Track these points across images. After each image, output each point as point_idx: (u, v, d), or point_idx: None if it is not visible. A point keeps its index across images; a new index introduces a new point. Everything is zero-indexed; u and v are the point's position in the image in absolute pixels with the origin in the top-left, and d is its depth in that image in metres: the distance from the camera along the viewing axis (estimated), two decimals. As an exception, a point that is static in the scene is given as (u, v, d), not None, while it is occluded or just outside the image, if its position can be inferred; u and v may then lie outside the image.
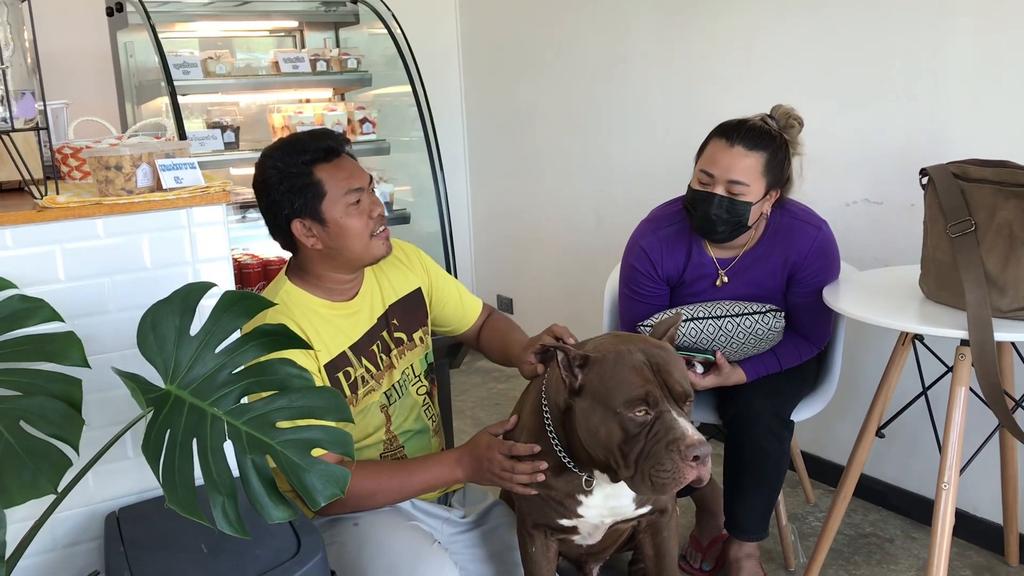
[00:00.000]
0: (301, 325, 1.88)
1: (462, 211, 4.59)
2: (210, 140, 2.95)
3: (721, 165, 2.14)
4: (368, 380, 1.98)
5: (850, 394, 2.78)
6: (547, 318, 4.23)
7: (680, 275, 2.33)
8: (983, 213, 1.88)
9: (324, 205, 1.85)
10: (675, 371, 1.63)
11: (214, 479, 1.33)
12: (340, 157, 1.89)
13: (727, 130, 2.17)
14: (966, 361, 1.92)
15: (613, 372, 1.62)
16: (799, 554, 2.55)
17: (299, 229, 1.87)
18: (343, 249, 1.89)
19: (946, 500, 1.97)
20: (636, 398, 1.58)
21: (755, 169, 2.13)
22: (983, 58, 2.36)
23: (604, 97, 3.66)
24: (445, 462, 1.88)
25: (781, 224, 2.27)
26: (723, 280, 2.30)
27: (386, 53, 3.43)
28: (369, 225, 1.89)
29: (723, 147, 2.15)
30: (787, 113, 2.21)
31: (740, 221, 2.17)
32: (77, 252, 1.63)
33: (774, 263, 2.28)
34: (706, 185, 2.17)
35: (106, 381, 1.59)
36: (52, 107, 2.28)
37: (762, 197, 2.17)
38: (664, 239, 2.31)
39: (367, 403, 1.99)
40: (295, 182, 1.85)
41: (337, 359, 1.93)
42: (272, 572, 1.51)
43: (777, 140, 2.17)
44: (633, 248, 2.36)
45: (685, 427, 1.55)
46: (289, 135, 1.97)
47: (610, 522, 1.87)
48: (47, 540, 1.68)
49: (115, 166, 1.65)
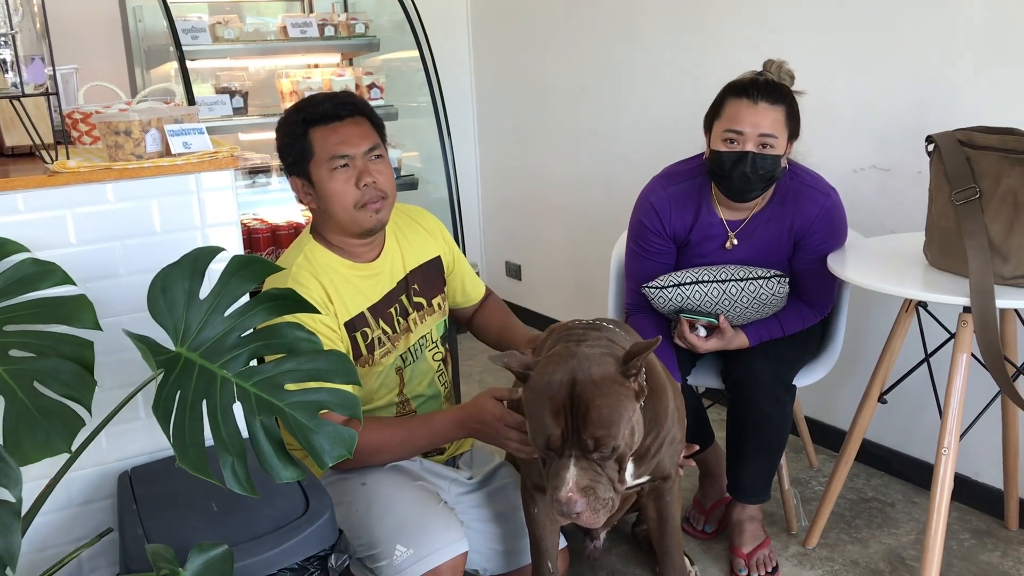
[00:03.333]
0: (323, 283, 1.91)
1: (471, 177, 4.59)
2: (219, 105, 2.96)
3: (750, 122, 2.14)
4: (385, 342, 2.01)
5: (853, 360, 2.80)
6: (555, 284, 4.26)
7: (687, 234, 2.34)
8: (988, 181, 1.88)
9: (311, 165, 1.91)
10: (592, 416, 1.55)
11: (224, 440, 1.36)
12: (342, 121, 1.91)
13: (744, 88, 2.17)
14: (968, 328, 1.94)
15: (533, 400, 1.61)
16: (801, 518, 2.58)
17: (297, 185, 1.95)
18: (331, 213, 1.93)
19: (945, 465, 1.99)
20: (540, 436, 1.59)
21: (781, 121, 2.16)
22: (993, 22, 2.34)
23: (615, 62, 3.64)
24: (448, 421, 1.91)
25: (790, 188, 2.28)
26: (733, 242, 2.31)
27: (394, 17, 3.42)
28: (354, 194, 1.90)
29: (747, 105, 2.15)
30: (780, 67, 2.23)
31: (772, 175, 2.18)
32: (88, 216, 1.66)
33: (781, 227, 2.29)
34: (734, 144, 2.16)
35: (117, 343, 1.62)
36: (61, 72, 2.29)
37: (786, 147, 2.20)
38: (673, 196, 2.32)
39: (384, 364, 2.02)
40: (289, 140, 1.92)
41: (356, 319, 1.96)
42: (281, 530, 1.55)
43: (789, 94, 2.20)
44: (642, 204, 2.37)
45: (567, 480, 1.53)
46: (315, 93, 2.00)
47: None
48: (62, 498, 1.72)
49: (125, 131, 1.66)
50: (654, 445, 1.81)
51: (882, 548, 2.44)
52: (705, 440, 2.40)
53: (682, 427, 1.93)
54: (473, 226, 4.68)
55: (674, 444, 1.89)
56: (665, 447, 1.84)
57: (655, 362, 1.87)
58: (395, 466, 1.96)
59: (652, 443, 1.80)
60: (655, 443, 1.81)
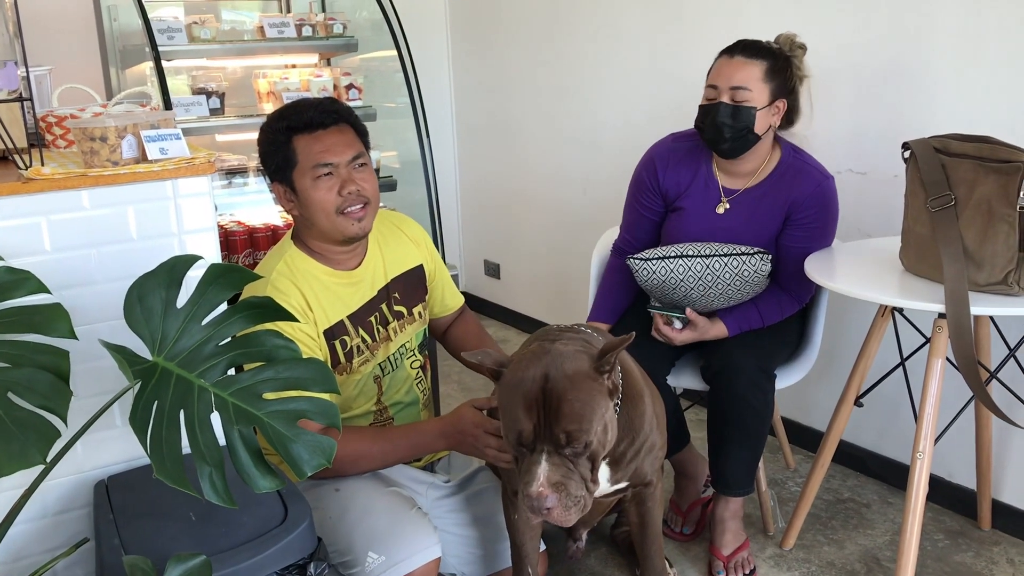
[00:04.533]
0: (303, 290, 1.90)
1: (449, 177, 4.59)
2: (195, 106, 2.93)
3: (723, 75, 2.25)
4: (363, 350, 2.01)
5: (831, 361, 2.82)
6: (533, 283, 4.27)
7: (681, 192, 2.40)
8: (963, 188, 1.90)
9: (295, 174, 1.90)
10: (564, 409, 1.55)
11: (201, 450, 1.35)
12: (326, 129, 1.90)
13: (728, 48, 2.30)
14: (943, 333, 1.96)
15: (506, 396, 1.62)
16: (778, 519, 2.60)
17: (279, 192, 1.94)
18: (313, 220, 1.92)
19: (920, 469, 2.01)
20: (512, 432, 1.59)
21: (756, 76, 2.23)
22: (968, 30, 2.36)
23: (592, 62, 3.64)
24: (429, 432, 1.91)
25: (791, 164, 2.35)
26: (725, 207, 2.35)
27: (372, 17, 3.40)
28: (336, 201, 1.89)
29: (725, 60, 2.28)
30: (790, 39, 2.31)
31: (746, 127, 2.24)
32: (63, 223, 1.64)
33: (777, 201, 2.33)
34: (712, 99, 2.27)
35: (94, 351, 1.60)
36: (35, 74, 2.27)
37: (767, 104, 2.24)
38: (676, 151, 2.43)
39: (361, 372, 2.01)
40: (272, 147, 1.91)
41: (335, 327, 1.96)
42: (260, 539, 1.54)
43: (777, 53, 2.27)
44: (646, 156, 2.48)
45: (538, 475, 1.53)
46: (298, 100, 1.99)
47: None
48: (37, 507, 1.71)
49: (100, 137, 1.65)
50: (630, 451, 1.82)
51: (858, 549, 2.47)
52: (681, 441, 2.42)
53: (662, 434, 1.93)
54: (452, 225, 4.67)
55: (654, 451, 1.89)
56: (644, 454, 1.85)
57: (632, 367, 1.88)
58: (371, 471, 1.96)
59: (628, 448, 1.81)
60: (631, 448, 1.82)
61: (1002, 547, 2.45)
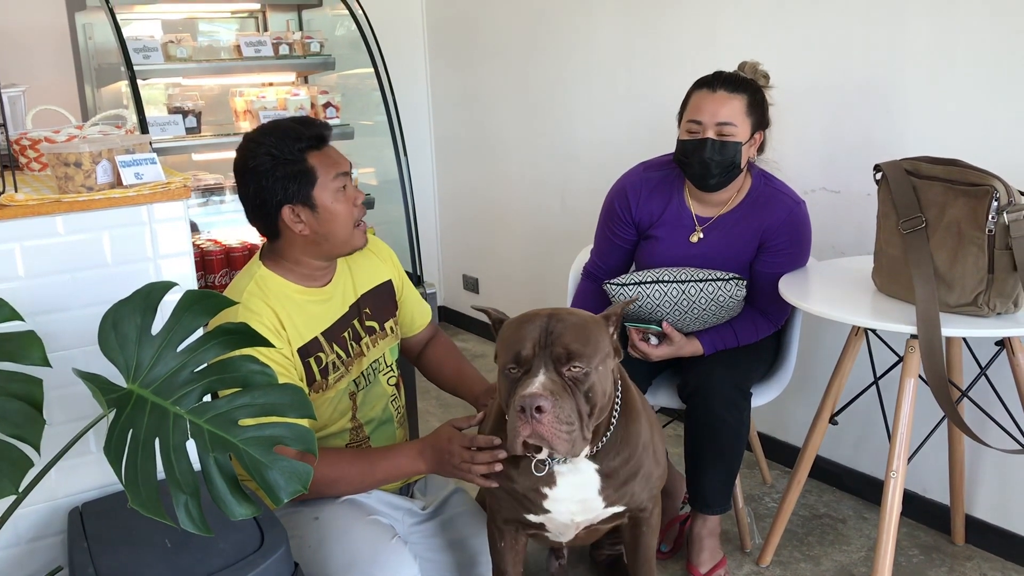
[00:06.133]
0: (275, 309, 1.90)
1: (428, 192, 4.59)
2: (171, 126, 2.92)
3: (708, 111, 2.24)
4: (339, 366, 2.00)
5: (807, 377, 2.84)
6: (512, 298, 4.27)
7: (654, 221, 2.41)
8: (934, 211, 1.93)
9: (315, 191, 1.89)
10: (565, 336, 1.59)
11: (177, 478, 1.35)
12: (328, 144, 1.94)
13: (707, 81, 2.28)
14: (915, 354, 1.98)
15: (506, 335, 1.66)
16: (755, 535, 2.62)
17: (288, 216, 1.89)
18: (329, 235, 1.92)
19: (894, 487, 2.03)
20: (510, 355, 1.61)
21: (740, 110, 2.24)
22: (938, 52, 2.40)
23: (569, 80, 3.67)
24: (408, 453, 1.90)
25: (762, 192, 2.36)
26: (699, 236, 2.36)
27: (349, 36, 3.41)
28: (354, 213, 1.93)
29: (706, 95, 2.26)
30: (754, 67, 2.33)
31: (733, 162, 2.25)
32: (37, 249, 1.63)
33: (749, 228, 2.35)
34: (695, 134, 2.26)
35: (68, 378, 1.59)
36: (9, 95, 2.26)
37: (749, 138, 2.26)
38: (648, 181, 2.42)
39: (337, 389, 2.00)
40: (290, 168, 1.87)
41: (309, 344, 1.95)
42: (236, 566, 1.53)
43: (753, 85, 2.28)
44: (617, 186, 2.48)
45: (535, 381, 1.54)
46: (279, 121, 1.96)
47: (581, 521, 1.84)
48: (10, 535, 1.69)
49: (75, 163, 1.64)
50: (624, 469, 1.80)
51: (834, 565, 2.48)
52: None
53: (659, 464, 1.90)
54: (430, 240, 4.68)
55: (651, 480, 1.87)
56: (640, 479, 1.83)
57: (633, 388, 1.88)
58: (350, 499, 1.95)
59: (622, 466, 1.80)
60: (625, 467, 1.80)
61: (975, 562, 2.47)
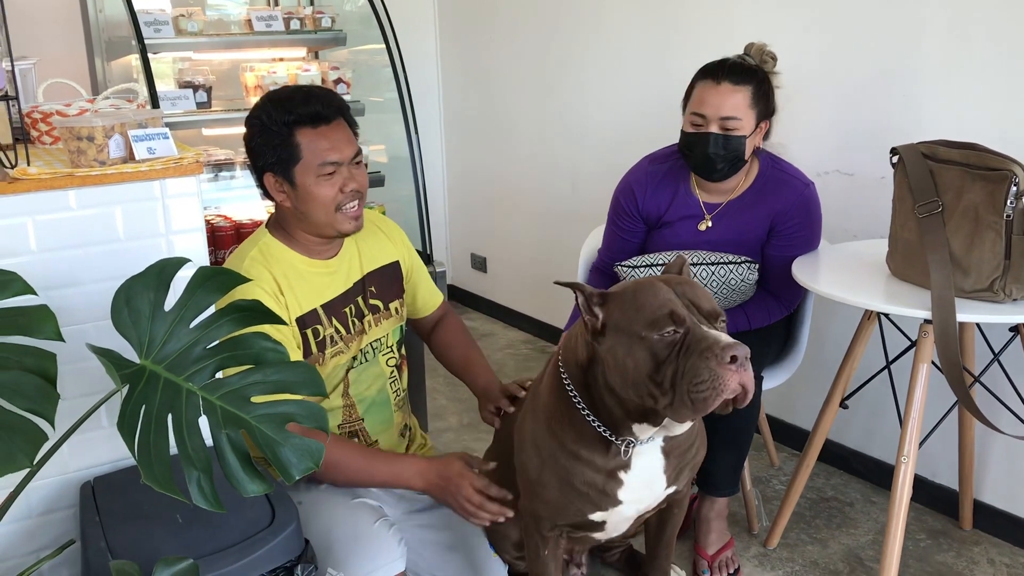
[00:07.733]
0: (276, 277, 1.89)
1: (437, 171, 4.57)
2: (182, 100, 2.91)
3: (711, 104, 2.22)
4: (337, 341, 1.99)
5: (817, 361, 2.83)
6: (520, 278, 4.27)
7: (662, 214, 2.40)
8: (950, 195, 1.91)
9: (297, 168, 1.86)
10: (700, 292, 1.56)
11: (189, 454, 1.35)
12: (329, 124, 1.87)
13: (711, 71, 2.25)
14: (929, 338, 1.97)
15: (634, 300, 1.56)
16: (762, 518, 2.62)
17: (271, 182, 1.89)
18: (308, 214, 1.90)
19: (905, 472, 2.03)
20: (661, 317, 1.51)
21: (744, 103, 2.21)
22: (956, 35, 2.37)
23: (581, 57, 3.64)
24: (412, 468, 1.88)
25: (771, 176, 2.34)
26: (707, 224, 2.35)
27: (361, 11, 3.39)
28: (338, 198, 1.88)
29: (710, 87, 2.23)
30: (760, 50, 2.30)
31: (737, 155, 2.24)
32: (49, 223, 1.63)
33: (759, 213, 2.33)
34: (699, 126, 2.24)
35: (81, 352, 1.58)
36: (20, 68, 2.24)
37: (754, 129, 2.25)
38: (654, 175, 2.41)
39: (333, 364, 1.99)
40: (273, 139, 1.85)
41: (307, 315, 1.94)
42: (247, 542, 1.54)
43: (759, 74, 2.25)
44: (624, 181, 2.46)
45: (718, 335, 1.48)
46: (289, 88, 1.92)
47: (643, 508, 1.81)
48: (22, 508, 1.70)
49: (87, 137, 1.63)
50: (689, 452, 1.81)
51: (841, 548, 2.49)
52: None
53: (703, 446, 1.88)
54: (439, 219, 4.67)
55: (696, 456, 1.86)
56: (690, 455, 1.82)
57: None
58: None
59: (687, 449, 1.80)
60: (689, 451, 1.81)
61: (983, 547, 2.47)
